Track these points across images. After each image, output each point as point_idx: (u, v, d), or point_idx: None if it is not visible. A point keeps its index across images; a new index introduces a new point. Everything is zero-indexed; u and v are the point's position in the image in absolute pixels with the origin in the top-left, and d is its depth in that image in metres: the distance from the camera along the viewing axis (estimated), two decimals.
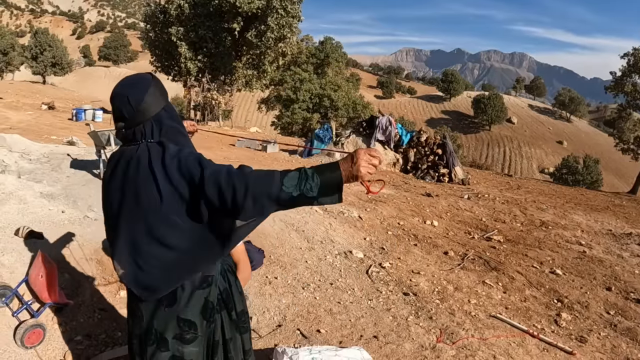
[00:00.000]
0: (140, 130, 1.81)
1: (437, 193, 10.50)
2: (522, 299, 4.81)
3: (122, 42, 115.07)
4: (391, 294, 4.71)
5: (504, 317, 4.25)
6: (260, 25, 23.47)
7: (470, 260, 5.92)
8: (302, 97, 34.24)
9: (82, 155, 7.42)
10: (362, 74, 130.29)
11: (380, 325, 4.01)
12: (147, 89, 1.80)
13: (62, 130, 13.64)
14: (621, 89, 27.06)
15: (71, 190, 5.43)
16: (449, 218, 8.27)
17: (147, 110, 1.79)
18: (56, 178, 6.00)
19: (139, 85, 1.82)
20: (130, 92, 1.79)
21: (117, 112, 1.82)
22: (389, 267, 5.42)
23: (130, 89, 1.81)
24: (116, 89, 1.83)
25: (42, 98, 27.63)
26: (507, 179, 19.30)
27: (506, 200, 10.88)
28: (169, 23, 24.84)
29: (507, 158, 74.63)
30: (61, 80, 57.00)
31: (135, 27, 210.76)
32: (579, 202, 12.74)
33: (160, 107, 1.84)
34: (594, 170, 41.98)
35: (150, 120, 1.81)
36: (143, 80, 1.84)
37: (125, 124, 1.81)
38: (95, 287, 3.60)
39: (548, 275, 5.60)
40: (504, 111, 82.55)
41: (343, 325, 3.98)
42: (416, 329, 3.97)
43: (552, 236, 7.70)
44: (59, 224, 4.35)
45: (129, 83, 1.84)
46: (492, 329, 4.05)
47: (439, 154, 13.57)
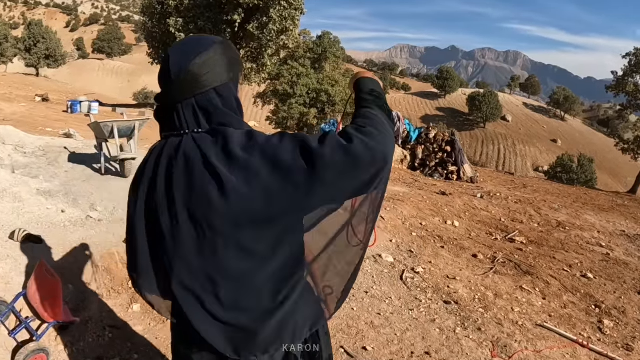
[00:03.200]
0: (178, 114, 1.25)
1: (451, 192, 10.23)
2: (562, 305, 4.68)
3: (116, 35, 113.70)
4: (432, 302, 4.41)
5: (551, 326, 4.11)
6: (262, 17, 22.86)
7: (501, 264, 5.76)
8: (300, 92, 33.81)
9: (80, 148, 6.95)
10: (356, 69, 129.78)
11: (429, 340, 3.69)
12: (198, 54, 1.23)
13: (57, 122, 13.14)
14: (623, 88, 26.87)
15: (71, 187, 4.97)
16: (468, 218, 8.05)
17: (189, 84, 1.22)
18: (53, 173, 5.54)
19: (192, 46, 1.27)
20: (174, 54, 1.26)
21: (160, 80, 1.30)
22: (423, 272, 5.14)
23: (177, 50, 1.27)
24: (169, 48, 1.32)
25: (35, 90, 27.14)
26: (510, 177, 19.23)
27: (519, 199, 10.86)
28: (167, 14, 24.19)
29: (501, 156, 74.64)
30: (55, 73, 56.40)
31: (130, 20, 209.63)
32: (586, 202, 12.78)
33: (217, 82, 1.26)
34: (588, 169, 41.89)
35: (192, 101, 1.24)
36: (201, 42, 1.28)
37: (159, 98, 1.29)
38: (103, 300, 3.14)
39: (580, 280, 5.49)
40: (498, 109, 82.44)
41: (389, 340, 3.61)
42: (467, 343, 3.69)
43: (573, 237, 7.65)
44: (59, 225, 3.90)
45: (182, 42, 1.31)
46: (542, 339, 3.88)
47: (448, 151, 13.18)
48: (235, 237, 1.17)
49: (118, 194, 5.06)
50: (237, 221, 1.16)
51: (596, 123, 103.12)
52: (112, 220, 4.32)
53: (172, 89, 1.24)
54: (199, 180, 1.17)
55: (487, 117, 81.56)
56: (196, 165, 1.18)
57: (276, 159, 1.13)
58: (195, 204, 1.18)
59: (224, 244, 1.18)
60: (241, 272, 1.20)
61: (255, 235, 1.18)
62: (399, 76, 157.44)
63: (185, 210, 1.19)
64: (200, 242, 1.19)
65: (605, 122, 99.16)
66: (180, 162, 1.20)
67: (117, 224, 4.25)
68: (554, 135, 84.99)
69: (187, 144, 1.22)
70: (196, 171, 1.18)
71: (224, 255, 1.18)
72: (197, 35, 1.34)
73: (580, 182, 35.57)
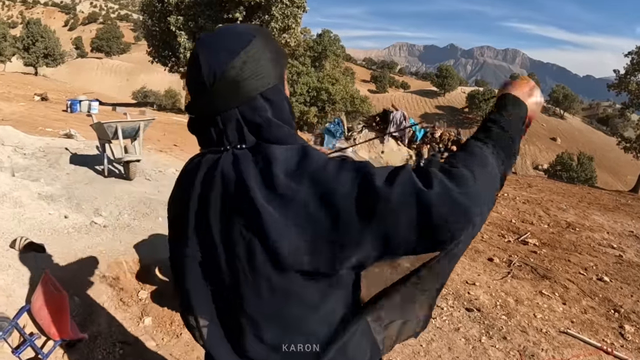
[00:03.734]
0: (217, 128, 1.01)
1: None
2: (582, 310, 4.61)
3: (115, 33, 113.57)
4: (453, 310, 4.27)
5: (574, 333, 4.05)
6: (264, 15, 22.68)
7: (518, 268, 5.67)
8: (300, 90, 33.66)
9: (82, 149, 6.78)
10: (355, 68, 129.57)
11: (455, 350, 3.55)
12: (236, 53, 0.97)
13: (57, 122, 12.93)
14: (625, 87, 26.75)
15: (73, 191, 4.79)
16: None
17: (228, 92, 0.97)
18: (55, 176, 5.37)
19: (227, 43, 1.00)
20: (205, 54, 0.99)
21: (189, 86, 1.04)
22: None
23: (208, 48, 1.00)
24: (196, 44, 1.04)
25: (34, 89, 26.97)
26: (513, 176, 19.12)
27: (526, 200, 10.88)
28: (168, 12, 24.01)
29: None
30: (53, 72, 56.24)
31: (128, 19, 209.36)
32: (591, 202, 12.76)
33: (264, 86, 1.00)
34: (588, 168, 41.92)
35: (235, 112, 0.99)
36: (237, 35, 1.02)
37: (193, 108, 1.03)
38: (112, 313, 2.95)
39: (597, 283, 5.44)
40: None
41: (415, 352, 3.46)
42: (495, 353, 3.57)
43: (584, 239, 7.63)
44: (62, 232, 3.72)
45: (213, 37, 1.03)
46: (568, 347, 3.81)
47: (454, 150, 12.99)
48: (277, 279, 0.95)
49: (123, 198, 4.89)
50: (278, 264, 0.93)
51: (595, 121, 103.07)
52: (117, 227, 4.14)
53: (206, 100, 0.99)
54: (236, 209, 0.95)
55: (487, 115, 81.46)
56: (233, 189, 0.96)
57: (327, 194, 0.89)
58: (232, 237, 0.97)
59: (264, 286, 0.96)
60: (286, 316, 1.00)
61: (300, 282, 0.95)
62: (397, 74, 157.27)
63: (221, 243, 0.99)
64: (238, 279, 0.99)
65: (605, 121, 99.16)
66: (217, 184, 0.98)
67: (123, 230, 4.08)
68: (553, 134, 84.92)
69: (225, 162, 0.98)
70: (233, 198, 0.96)
71: (264, 296, 0.97)
72: (229, 27, 1.06)
73: (580, 180, 35.57)
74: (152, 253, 3.63)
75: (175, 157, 8.61)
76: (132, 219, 4.41)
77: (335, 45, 47.25)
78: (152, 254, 3.61)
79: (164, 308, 3.15)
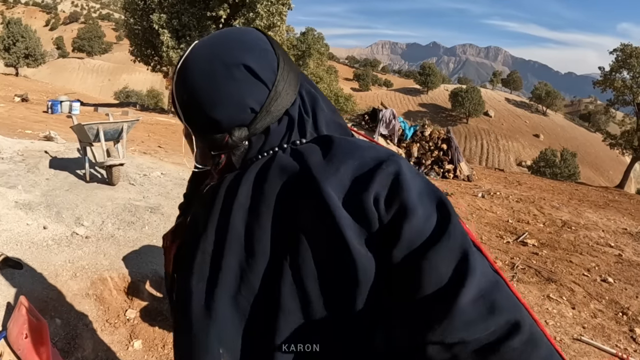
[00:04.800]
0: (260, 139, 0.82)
1: (452, 191, 9.99)
2: (592, 314, 4.56)
3: (97, 33, 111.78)
4: None
5: (589, 340, 4.00)
6: (249, 13, 22.27)
7: (522, 271, 5.56)
8: None
9: (62, 152, 6.44)
10: (338, 66, 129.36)
11: None
12: (274, 51, 0.83)
13: (37, 123, 12.48)
14: (611, 84, 26.91)
15: (53, 198, 4.47)
16: (476, 220, 7.89)
17: (288, 89, 0.82)
18: (34, 182, 5.03)
19: (258, 45, 0.83)
20: (248, 58, 0.79)
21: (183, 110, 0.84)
22: None
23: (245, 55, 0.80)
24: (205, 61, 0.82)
25: (14, 90, 26.29)
26: (501, 173, 19.16)
27: (519, 198, 10.87)
28: (150, 10, 23.50)
29: (484, 151, 74.94)
30: (34, 72, 55.39)
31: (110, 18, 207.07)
32: (581, 199, 12.90)
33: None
34: (571, 164, 42.32)
35: (297, 104, 0.83)
36: (259, 41, 0.84)
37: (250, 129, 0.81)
38: (97, 335, 2.66)
39: (602, 285, 5.39)
40: (481, 104, 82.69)
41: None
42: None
43: (582, 238, 7.60)
44: (41, 245, 3.41)
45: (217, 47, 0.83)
46: (584, 355, 3.74)
47: (444, 149, 12.84)
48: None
49: (106, 206, 4.57)
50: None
51: (577, 117, 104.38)
52: (101, 237, 3.82)
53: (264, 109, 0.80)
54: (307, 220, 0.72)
55: (470, 113, 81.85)
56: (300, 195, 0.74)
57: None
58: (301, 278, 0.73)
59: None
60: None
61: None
62: (380, 72, 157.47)
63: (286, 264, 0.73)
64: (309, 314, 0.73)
65: (587, 117, 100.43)
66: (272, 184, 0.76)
67: (106, 241, 3.77)
68: (536, 130, 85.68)
69: (282, 159, 0.78)
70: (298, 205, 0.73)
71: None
72: (232, 32, 0.87)
73: (563, 176, 35.90)
74: (140, 266, 3.34)
75: (160, 159, 8.27)
76: (116, 229, 4.10)
77: (319, 43, 46.96)
78: (140, 268, 3.32)
79: (155, 328, 2.86)
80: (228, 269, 0.77)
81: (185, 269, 0.83)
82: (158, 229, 4.29)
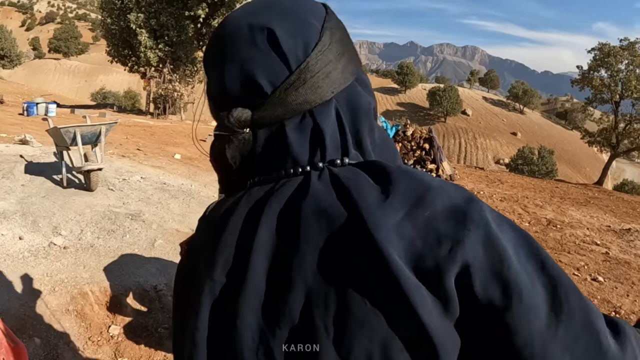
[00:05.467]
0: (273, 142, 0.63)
1: None
2: None
3: (73, 33, 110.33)
4: None
5: None
6: (228, 12, 22.13)
7: None
8: None
9: (38, 156, 6.20)
10: None
11: None
12: (321, 28, 0.63)
13: (13, 126, 12.08)
14: (589, 82, 27.33)
15: (29, 206, 4.25)
16: None
17: (321, 82, 0.60)
18: (8, 188, 4.80)
19: (298, 14, 0.63)
20: (277, 24, 0.61)
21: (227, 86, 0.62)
22: None
23: (275, 19, 0.61)
24: (233, 21, 0.64)
25: None
26: (482, 172, 19.35)
27: (503, 197, 10.97)
28: (128, 9, 23.11)
29: (462, 149, 75.72)
30: (10, 74, 54.45)
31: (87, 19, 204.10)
32: (563, 196, 13.04)
33: (351, 78, 0.64)
34: (549, 161, 42.91)
35: (333, 107, 0.62)
36: (308, 12, 0.64)
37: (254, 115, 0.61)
38: (80, 354, 2.49)
39: (592, 284, 5.42)
40: (459, 103, 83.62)
41: None
42: None
43: (568, 236, 7.63)
44: (17, 257, 3.21)
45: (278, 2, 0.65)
46: None
47: (426, 148, 12.81)
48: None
49: (84, 213, 4.37)
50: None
51: (554, 116, 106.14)
52: (80, 248, 3.62)
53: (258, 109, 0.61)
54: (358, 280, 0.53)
55: (448, 112, 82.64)
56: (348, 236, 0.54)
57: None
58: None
59: None
60: None
61: None
62: None
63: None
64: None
65: (563, 115, 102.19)
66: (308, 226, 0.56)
67: (86, 252, 3.57)
68: (513, 128, 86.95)
69: (319, 191, 0.58)
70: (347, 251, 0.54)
71: None
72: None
73: (541, 173, 36.39)
74: (122, 279, 3.16)
75: (139, 162, 8.04)
76: (95, 238, 3.91)
77: None
78: (122, 280, 3.14)
79: (141, 346, 2.69)
80: (246, 328, 0.57)
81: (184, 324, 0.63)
82: (139, 237, 4.10)
